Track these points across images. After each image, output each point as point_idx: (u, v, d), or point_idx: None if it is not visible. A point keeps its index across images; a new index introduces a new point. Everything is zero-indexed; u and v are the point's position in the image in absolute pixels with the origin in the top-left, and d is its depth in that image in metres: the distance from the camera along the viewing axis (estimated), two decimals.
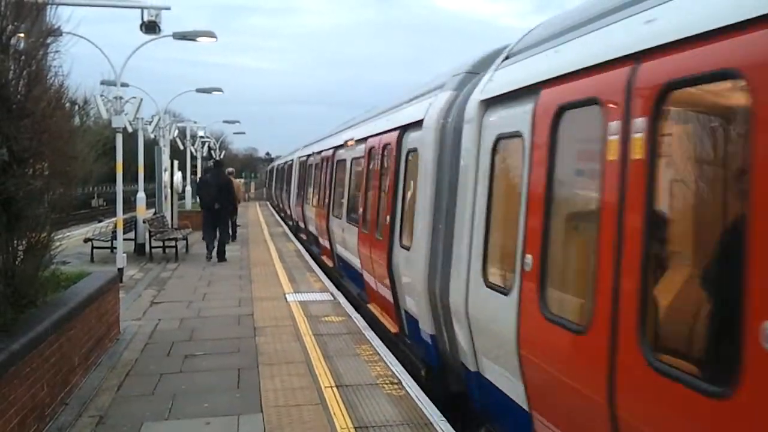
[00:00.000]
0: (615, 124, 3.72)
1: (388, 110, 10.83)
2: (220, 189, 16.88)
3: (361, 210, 11.26)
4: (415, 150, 8.12)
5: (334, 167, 15.54)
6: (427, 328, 7.26)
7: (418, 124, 7.89)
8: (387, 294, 9.17)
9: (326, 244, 15.67)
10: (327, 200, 15.72)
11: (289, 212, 28.45)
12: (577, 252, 4.57)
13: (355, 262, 11.56)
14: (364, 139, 11.71)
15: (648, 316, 3.38)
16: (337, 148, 15.50)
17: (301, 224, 22.31)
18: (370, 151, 11.06)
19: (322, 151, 18.50)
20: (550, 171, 4.58)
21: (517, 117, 5.18)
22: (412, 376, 7.35)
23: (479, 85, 6.33)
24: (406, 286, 8.15)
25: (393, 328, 9.04)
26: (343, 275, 13.77)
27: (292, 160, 29.31)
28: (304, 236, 21.78)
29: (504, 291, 5.16)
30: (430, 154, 7.26)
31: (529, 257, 4.71)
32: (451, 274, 6.49)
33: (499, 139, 5.68)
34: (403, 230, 8.48)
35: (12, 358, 5.11)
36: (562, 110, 4.48)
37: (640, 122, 3.51)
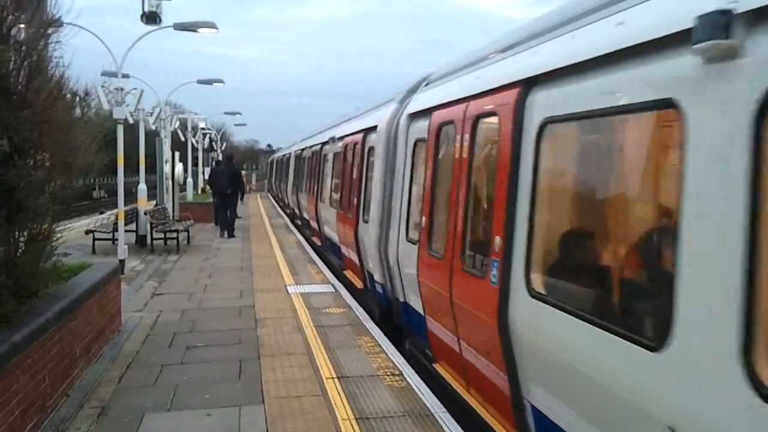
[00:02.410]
0: (459, 137, 6.44)
1: (359, 115, 13.67)
2: (231, 178, 20.74)
3: (338, 195, 14.13)
4: (372, 148, 10.57)
5: (320, 160, 18.18)
6: (378, 279, 9.76)
7: (374, 128, 10.44)
8: (355, 259, 11.81)
9: (315, 226, 18.17)
10: (315, 188, 18.25)
11: (286, 201, 30.19)
12: (443, 215, 6.88)
13: (335, 237, 14.09)
14: (341, 138, 14.52)
15: (464, 247, 6.19)
16: (322, 144, 17.98)
17: (297, 211, 24.83)
18: (344, 148, 13.70)
19: (312, 146, 20.64)
20: (435, 165, 7.32)
21: (423, 128, 7.78)
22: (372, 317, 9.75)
23: (410, 102, 8.97)
24: (367, 250, 10.41)
25: (359, 285, 11.76)
26: (328, 251, 16.09)
27: (290, 153, 29.87)
28: (299, 222, 24.29)
29: (414, 242, 7.78)
30: (381, 152, 9.74)
31: (424, 219, 7.45)
32: (390, 237, 9.06)
33: (416, 141, 8.30)
34: (365, 209, 10.88)
35: (13, 349, 5.12)
36: (440, 126, 7.20)
37: (467, 137, 6.25)
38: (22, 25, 6.14)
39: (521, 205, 4.86)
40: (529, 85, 4.96)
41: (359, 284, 11.81)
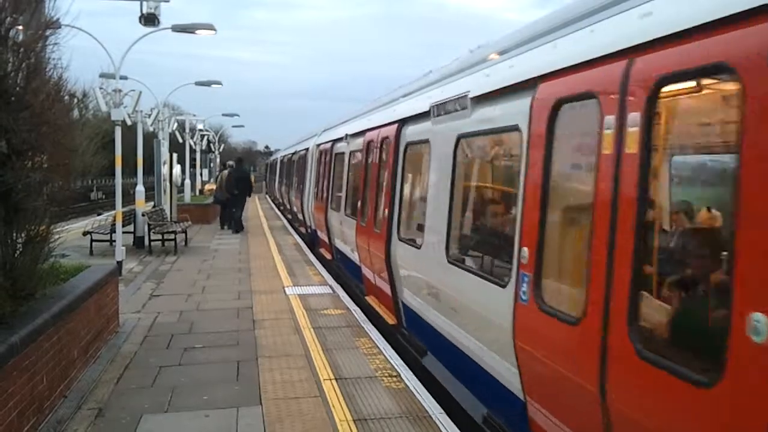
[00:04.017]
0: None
1: (304, 140, 15.82)
2: (238, 179, 22.25)
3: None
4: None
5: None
6: (309, 223, 11.97)
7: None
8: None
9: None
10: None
11: (290, 207, 28.77)
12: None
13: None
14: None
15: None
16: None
17: (299, 215, 23.94)
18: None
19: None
20: (319, 168, 12.50)
21: (318, 150, 10.91)
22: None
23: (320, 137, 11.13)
24: (305, 209, 12.79)
25: (390, 319, 9.87)
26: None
27: (290, 154, 29.65)
28: (303, 230, 22.81)
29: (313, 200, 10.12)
30: (309, 160, 11.75)
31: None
32: (309, 199, 11.46)
33: (319, 156, 10.43)
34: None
35: (11, 350, 5.12)
36: (321, 152, 9.86)
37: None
38: (21, 27, 6.14)
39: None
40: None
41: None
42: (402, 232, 9.05)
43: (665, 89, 3.72)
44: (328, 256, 16.12)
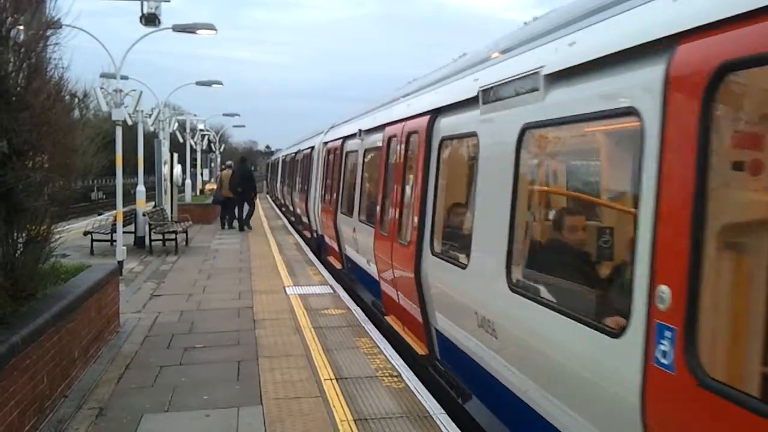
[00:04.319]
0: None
1: (309, 138, 16.02)
2: (243, 177, 22.99)
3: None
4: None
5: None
6: (315, 228, 12.98)
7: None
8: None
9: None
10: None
11: (295, 210, 26.95)
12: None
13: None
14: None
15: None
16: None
17: (285, 202, 26.24)
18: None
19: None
20: (326, 168, 12.67)
21: (325, 150, 12.85)
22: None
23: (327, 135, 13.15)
24: (311, 213, 13.84)
25: (421, 349, 8.08)
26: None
27: (293, 153, 29.36)
28: (282, 203, 24.63)
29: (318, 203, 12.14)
30: (315, 160, 12.72)
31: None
32: (315, 203, 12.65)
33: (325, 156, 11.28)
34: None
35: (12, 350, 5.12)
36: (328, 150, 12.12)
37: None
38: (21, 27, 6.14)
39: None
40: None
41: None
42: (436, 245, 7.43)
43: None
44: (338, 265, 14.43)
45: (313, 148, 20.89)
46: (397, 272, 8.69)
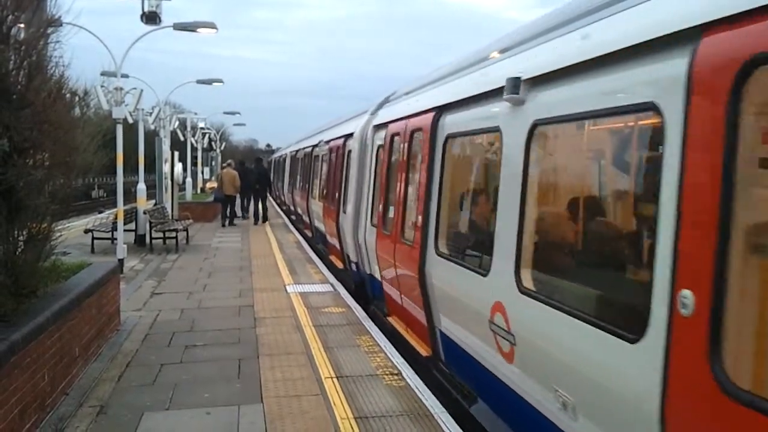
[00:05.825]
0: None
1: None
2: (260, 175, 25.47)
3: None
4: (350, 151, 12.68)
5: (344, 157, 14.46)
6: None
7: (351, 135, 12.71)
8: (336, 243, 13.25)
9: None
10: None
11: (298, 212, 26.08)
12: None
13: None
14: (327, 142, 16.02)
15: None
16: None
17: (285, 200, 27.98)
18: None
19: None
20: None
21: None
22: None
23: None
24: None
25: (425, 351, 7.83)
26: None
27: (294, 151, 29.50)
28: (282, 201, 26.15)
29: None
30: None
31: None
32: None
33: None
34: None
35: (12, 348, 5.13)
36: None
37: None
38: (22, 25, 6.14)
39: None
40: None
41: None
42: (441, 245, 7.09)
43: None
44: (339, 265, 14.24)
45: (314, 146, 19.50)
46: (399, 273, 8.50)
